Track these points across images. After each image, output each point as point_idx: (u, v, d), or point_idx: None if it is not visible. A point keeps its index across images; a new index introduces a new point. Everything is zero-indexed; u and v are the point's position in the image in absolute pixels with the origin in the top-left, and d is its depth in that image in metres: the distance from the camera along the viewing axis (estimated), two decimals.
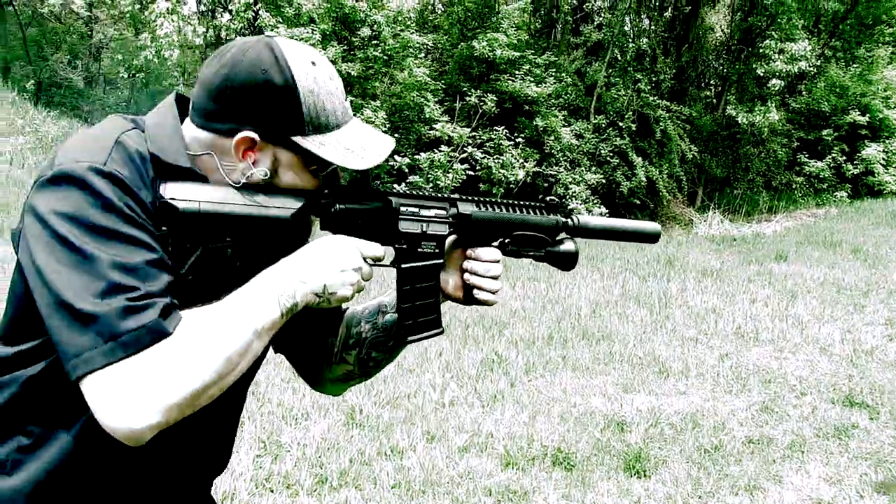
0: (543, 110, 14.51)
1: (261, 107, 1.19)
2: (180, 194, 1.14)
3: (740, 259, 11.38)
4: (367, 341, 1.50)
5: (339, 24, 13.16)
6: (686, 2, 17.07)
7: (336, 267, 1.21)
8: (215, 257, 1.25)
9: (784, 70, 15.08)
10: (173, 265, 1.13)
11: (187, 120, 1.26)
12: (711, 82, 20.34)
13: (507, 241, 1.45)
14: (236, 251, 1.30)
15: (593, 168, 15.11)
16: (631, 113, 15.63)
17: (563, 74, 15.74)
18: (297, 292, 1.16)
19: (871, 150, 19.20)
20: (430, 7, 17.30)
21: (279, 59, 1.20)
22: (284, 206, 1.22)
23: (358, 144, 1.26)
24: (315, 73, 1.23)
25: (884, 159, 19.48)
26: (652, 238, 1.57)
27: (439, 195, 1.40)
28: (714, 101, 19.44)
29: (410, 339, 1.40)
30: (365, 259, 1.26)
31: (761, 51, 15.79)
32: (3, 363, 1.16)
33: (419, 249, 1.37)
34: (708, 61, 19.18)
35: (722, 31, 19.15)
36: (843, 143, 19.43)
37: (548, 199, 1.51)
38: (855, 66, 20.14)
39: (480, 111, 14.06)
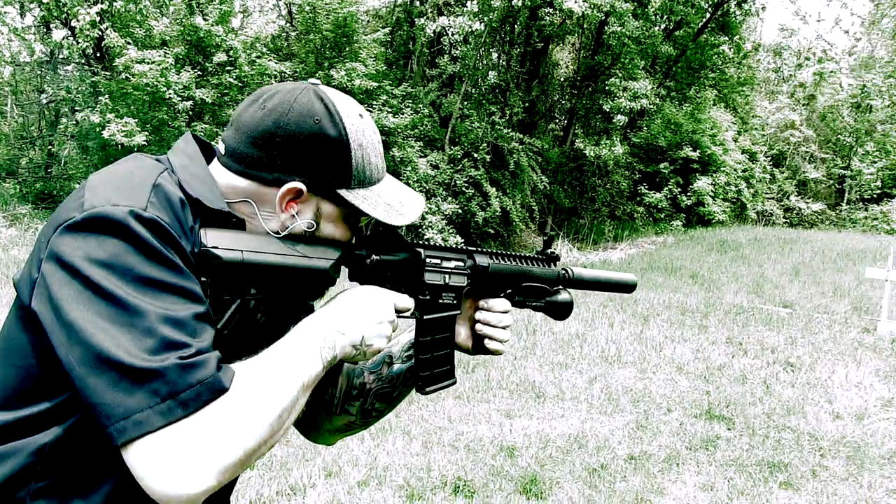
0: (400, 141, 14.66)
1: (311, 158, 1.15)
2: (223, 242, 1.07)
3: None
4: (371, 392, 1.47)
5: (193, 48, 12.78)
6: (537, 38, 17.83)
7: (374, 319, 1.17)
8: (250, 310, 1.21)
9: (627, 106, 16.06)
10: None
11: (215, 164, 1.20)
12: (559, 116, 21.33)
13: (512, 291, 1.49)
14: (269, 303, 1.27)
15: (449, 198, 15.40)
16: (485, 144, 16.09)
17: (420, 106, 16.00)
18: (337, 344, 1.12)
19: (702, 183, 20.83)
20: (284, 35, 17.16)
21: (331, 109, 1.16)
22: (324, 257, 1.19)
23: (396, 199, 1.25)
24: (363, 127, 1.21)
25: (712, 191, 21.14)
26: (630, 288, 1.68)
27: (457, 247, 1.41)
28: (562, 134, 20.39)
29: (428, 389, 1.39)
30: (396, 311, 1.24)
31: (607, 87, 16.74)
32: (2, 431, 1.02)
33: (440, 301, 1.37)
34: (557, 96, 20.10)
35: (568, 67, 20.19)
36: (677, 175, 20.97)
37: (548, 251, 1.57)
38: (686, 105, 21.79)
39: None
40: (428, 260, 1.33)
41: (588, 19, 15.98)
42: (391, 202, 1.23)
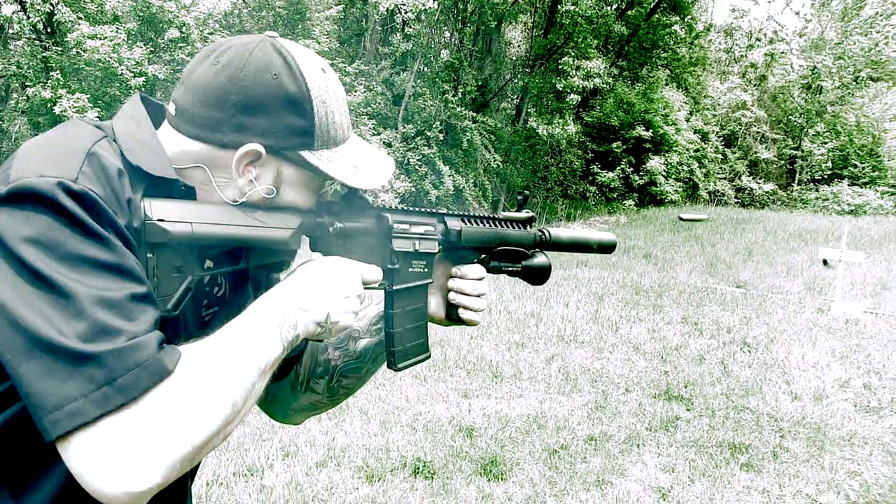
0: (353, 119, 14.39)
1: (270, 117, 1.03)
2: (170, 214, 0.95)
3: None
4: (338, 369, 1.38)
5: (146, 24, 12.38)
6: (490, 16, 17.61)
7: (339, 293, 1.08)
8: (205, 287, 1.11)
9: (580, 85, 15.95)
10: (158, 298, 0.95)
11: (165, 128, 1.07)
12: (512, 95, 21.17)
13: (486, 256, 1.40)
14: (228, 279, 1.17)
15: (401, 176, 15.19)
16: (438, 123, 15.88)
17: (373, 84, 15.73)
18: (299, 322, 1.02)
19: (654, 163, 20.89)
20: (237, 11, 16.68)
21: (290, 63, 1.05)
22: (284, 226, 1.08)
23: (363, 161, 1.14)
24: (326, 82, 1.09)
25: (664, 171, 21.22)
26: (609, 248, 1.58)
27: (428, 210, 1.30)
28: (514, 113, 20.25)
29: (400, 366, 1.29)
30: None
31: (560, 66, 16.61)
32: None
33: (410, 269, 1.27)
34: (509, 75, 19.93)
35: (520, 46, 20.00)
36: (630, 155, 20.98)
37: (523, 212, 1.46)
38: (639, 84, 21.79)
39: None
40: (396, 226, 1.23)
41: None
42: (358, 164, 1.14)
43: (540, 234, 1.47)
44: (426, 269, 1.30)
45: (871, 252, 12.88)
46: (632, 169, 21.01)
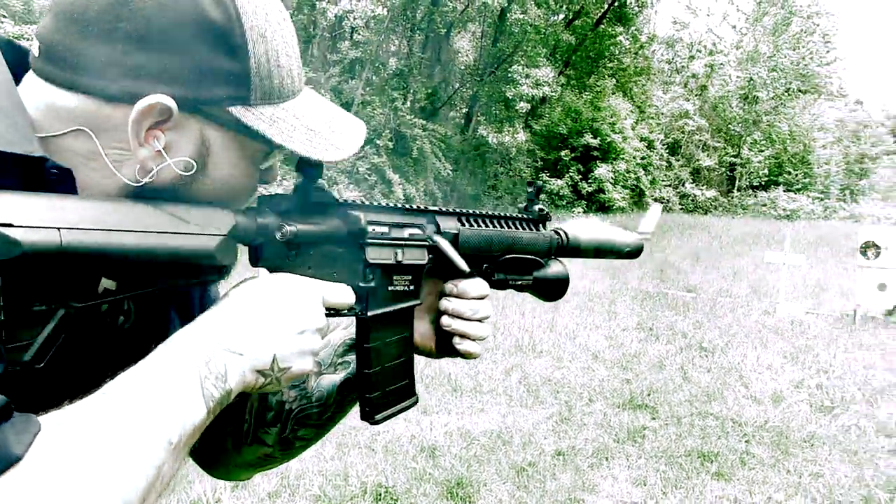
0: None
1: (182, 54, 0.69)
2: (25, 215, 0.60)
3: None
4: (293, 415, 1.03)
5: None
6: (440, 24, 17.62)
7: (292, 327, 0.76)
8: (87, 325, 0.72)
9: (530, 94, 16.05)
10: (9, 345, 0.61)
11: (28, 80, 0.73)
12: (461, 104, 21.21)
13: (489, 267, 1.07)
14: (123, 312, 0.80)
15: (351, 185, 15.08)
16: (388, 131, 15.80)
17: (321, 91, 15.58)
18: (231, 371, 0.70)
19: (602, 170, 21.13)
20: None
21: None
22: (207, 230, 0.72)
23: (322, 123, 0.81)
24: (266, 8, 0.75)
25: (612, 178, 21.49)
26: (636, 253, 1.28)
27: (413, 207, 0.97)
28: (464, 121, 20.28)
29: (379, 417, 0.97)
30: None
31: (509, 75, 16.70)
32: None
33: (390, 287, 0.93)
34: (458, 83, 19.96)
35: (468, 55, 20.06)
36: (578, 163, 21.20)
37: (535, 209, 1.13)
38: (586, 93, 22.07)
39: None
40: (371, 228, 0.88)
41: (490, 8, 15.86)
42: (315, 126, 0.79)
43: (557, 236, 1.15)
44: (412, 287, 0.97)
45: (808, 255, 13.24)
46: (580, 176, 21.25)
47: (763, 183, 29.47)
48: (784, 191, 28.64)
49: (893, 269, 8.69)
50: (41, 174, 0.66)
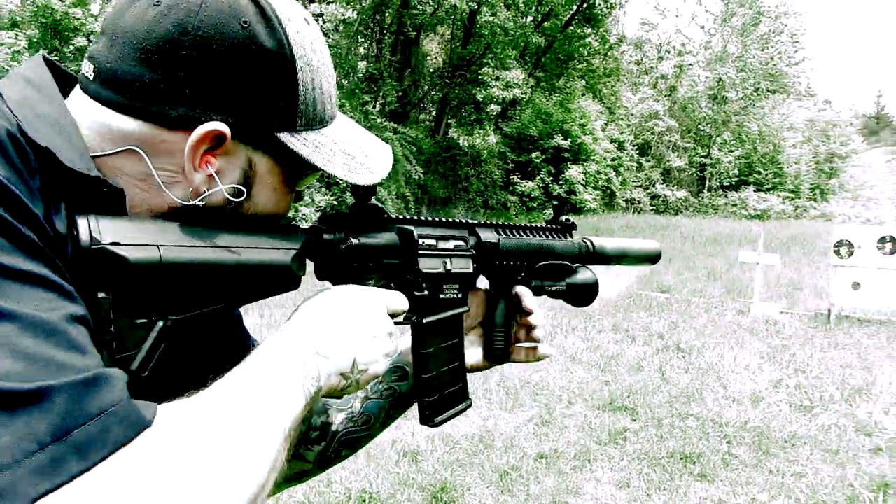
0: None
1: (239, 82, 0.72)
2: (127, 234, 0.67)
3: None
4: (338, 436, 1.09)
5: (49, 31, 11.77)
6: (410, 27, 17.55)
7: (367, 332, 0.81)
8: (180, 338, 0.75)
9: (500, 96, 16.03)
10: (118, 356, 0.67)
11: (77, 99, 0.75)
12: (431, 107, 21.15)
13: (525, 275, 1.15)
14: (210, 324, 0.84)
15: (323, 189, 14.93)
16: None
17: None
18: (322, 372, 0.75)
19: (573, 172, 21.18)
20: None
21: (265, 8, 0.74)
22: (280, 246, 0.79)
23: (357, 147, 0.85)
24: (312, 37, 0.79)
25: (583, 180, 21.55)
26: (656, 259, 1.40)
27: (454, 220, 1.04)
28: (433, 124, 20.23)
29: (438, 420, 1.02)
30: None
31: (479, 77, 16.67)
32: None
33: (441, 295, 1.00)
34: (428, 86, 19.89)
35: (438, 58, 20.02)
36: (549, 165, 21.22)
37: (562, 219, 1.24)
38: (556, 95, 22.12)
39: None
40: (422, 241, 0.96)
41: (459, 11, 15.82)
42: (352, 151, 0.84)
43: (584, 245, 1.26)
44: (460, 295, 1.04)
45: (781, 254, 13.34)
46: (551, 178, 21.26)
47: (733, 183, 29.69)
48: (754, 190, 28.86)
49: (867, 268, 8.75)
50: (95, 193, 0.69)
